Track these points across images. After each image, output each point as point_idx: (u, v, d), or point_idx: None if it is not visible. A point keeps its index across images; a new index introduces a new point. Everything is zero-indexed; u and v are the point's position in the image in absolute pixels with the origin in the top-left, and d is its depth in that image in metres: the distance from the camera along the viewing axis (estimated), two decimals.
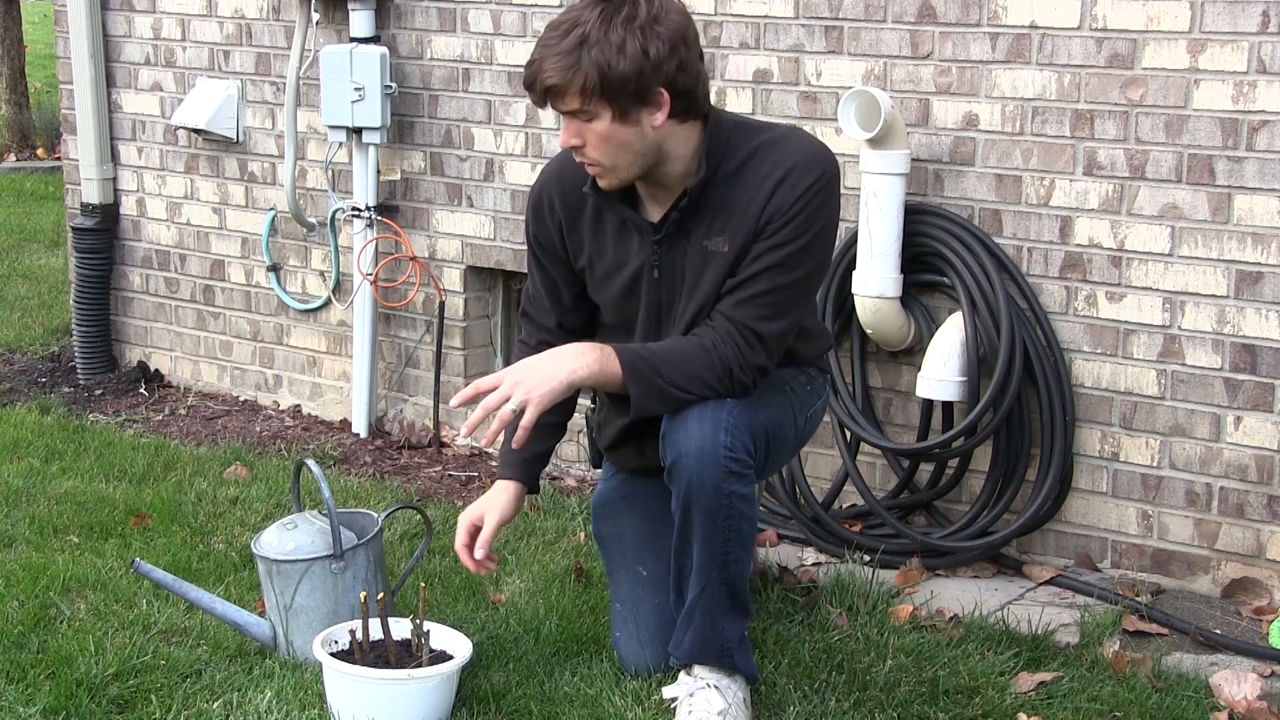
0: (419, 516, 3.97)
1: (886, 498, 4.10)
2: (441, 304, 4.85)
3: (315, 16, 4.89)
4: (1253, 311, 3.64)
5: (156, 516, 4.11)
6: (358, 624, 3.07)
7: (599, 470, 3.50)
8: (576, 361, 2.94)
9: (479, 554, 3.16)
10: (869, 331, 4.02)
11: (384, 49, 4.77)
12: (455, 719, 3.07)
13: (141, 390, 5.50)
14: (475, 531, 3.19)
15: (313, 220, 5.09)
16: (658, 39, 2.86)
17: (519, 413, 2.89)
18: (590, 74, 2.84)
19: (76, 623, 3.42)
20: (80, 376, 5.62)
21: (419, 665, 3.03)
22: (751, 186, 3.00)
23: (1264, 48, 3.54)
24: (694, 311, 3.05)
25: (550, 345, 3.09)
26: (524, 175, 4.65)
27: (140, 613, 3.48)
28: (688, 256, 3.05)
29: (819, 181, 2.99)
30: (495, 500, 3.22)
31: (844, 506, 4.18)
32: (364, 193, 4.88)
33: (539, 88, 2.89)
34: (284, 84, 5.02)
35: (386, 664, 3.06)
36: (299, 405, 5.30)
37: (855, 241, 3.97)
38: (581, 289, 3.23)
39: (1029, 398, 3.86)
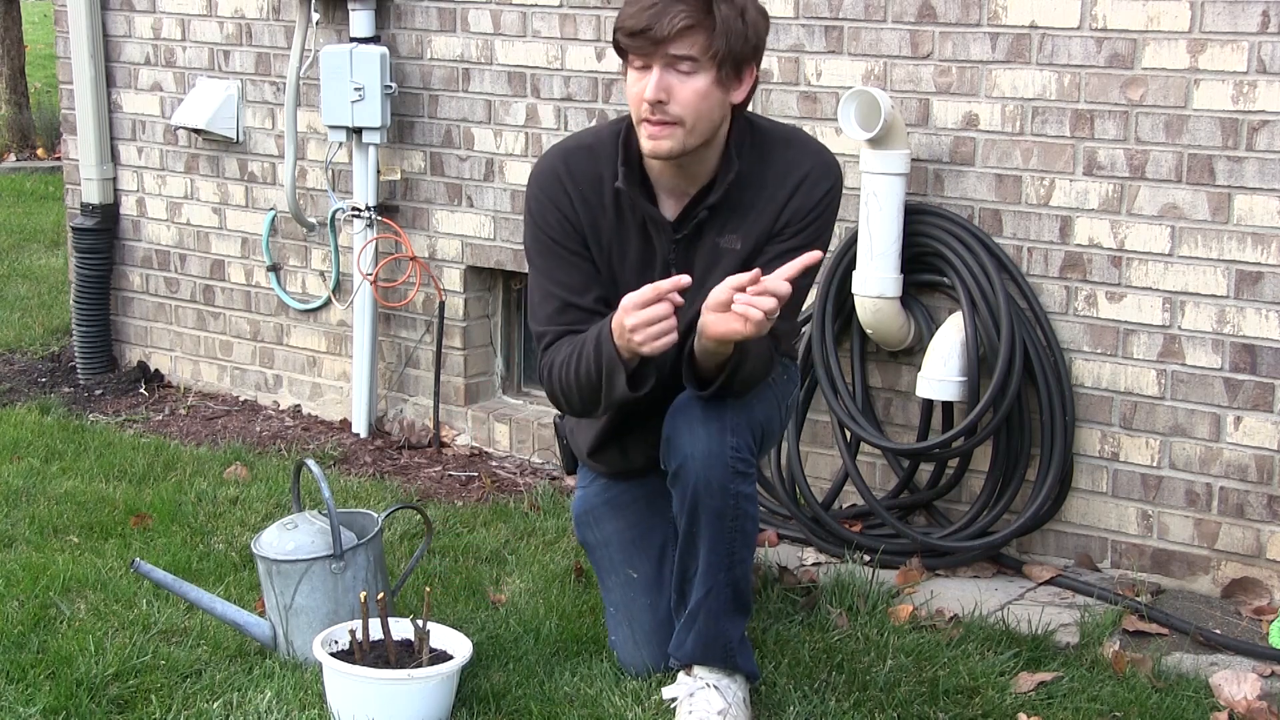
0: (419, 516, 3.97)
1: (886, 498, 4.10)
2: (441, 304, 4.85)
3: (315, 16, 4.89)
4: (1253, 311, 3.64)
5: (156, 516, 4.11)
6: (358, 624, 3.07)
7: (573, 477, 3.48)
8: None
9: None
10: (869, 331, 4.02)
11: (384, 49, 4.77)
12: (455, 719, 3.07)
13: (141, 390, 5.50)
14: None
15: (313, 220, 5.09)
16: (764, 16, 2.96)
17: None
18: (720, 25, 2.87)
19: (76, 623, 3.42)
20: (80, 376, 5.62)
21: (419, 665, 3.03)
22: (769, 186, 3.02)
23: (1264, 48, 3.54)
24: (698, 308, 3.04)
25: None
26: (524, 175, 4.65)
27: (140, 613, 3.48)
28: (699, 254, 3.06)
29: (833, 190, 3.06)
30: None
31: (844, 506, 4.18)
32: (364, 193, 4.88)
33: (666, 28, 2.83)
34: (284, 84, 5.02)
35: (386, 664, 3.06)
36: (299, 405, 5.30)
37: (855, 241, 3.97)
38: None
39: (1029, 398, 3.86)
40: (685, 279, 2.78)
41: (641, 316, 2.78)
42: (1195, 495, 3.76)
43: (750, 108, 3.70)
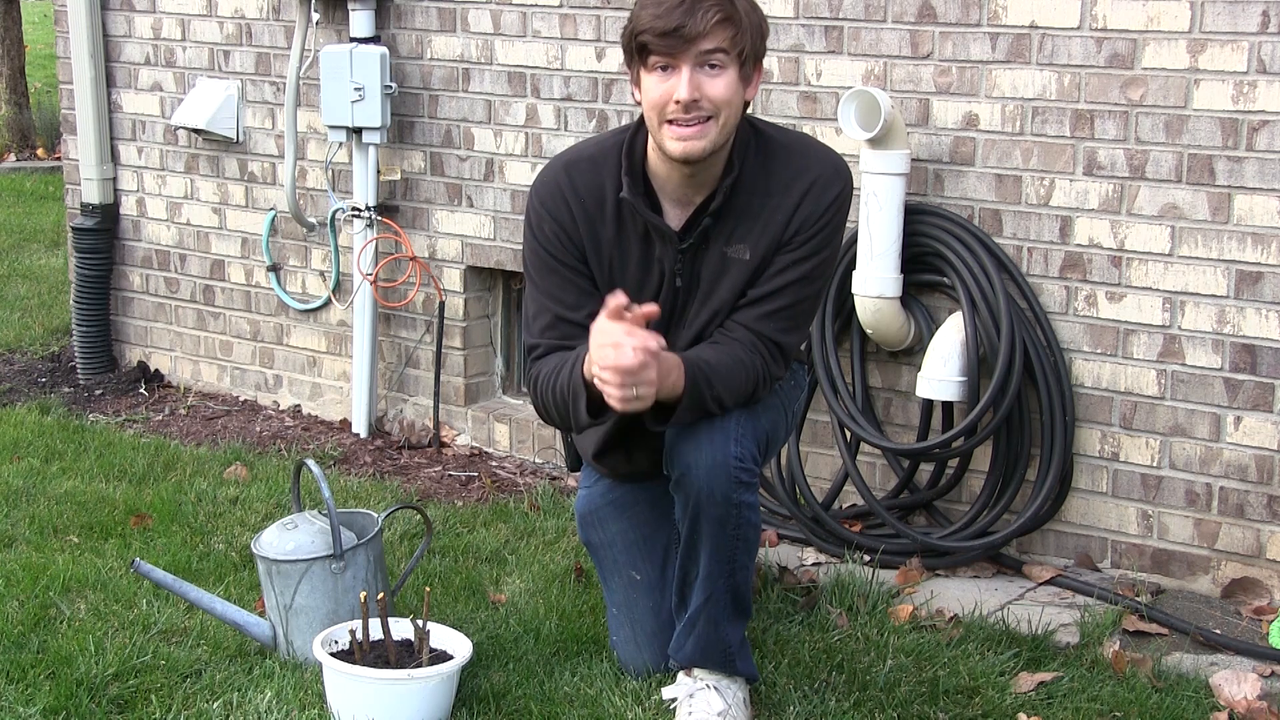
0: (419, 516, 3.97)
1: (886, 498, 4.10)
2: (441, 304, 4.85)
3: (315, 16, 4.89)
4: (1253, 311, 3.64)
5: (156, 516, 4.11)
6: (358, 624, 3.07)
7: (576, 474, 3.47)
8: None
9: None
10: (869, 331, 4.02)
11: (384, 49, 4.77)
12: (455, 719, 3.07)
13: (141, 390, 5.50)
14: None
15: (313, 220, 5.09)
16: (763, 15, 2.96)
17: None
18: (743, 18, 2.86)
19: (76, 623, 3.42)
20: (80, 376, 5.62)
21: (419, 665, 3.03)
22: (776, 194, 2.98)
23: (1264, 48, 3.54)
24: (706, 318, 3.03)
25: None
26: (524, 175, 4.65)
27: (140, 613, 3.48)
28: (705, 262, 3.03)
29: (843, 195, 3.01)
30: None
31: (844, 506, 4.18)
32: (364, 193, 4.88)
33: (701, 24, 2.80)
34: (284, 84, 5.02)
35: (386, 664, 3.06)
36: (299, 405, 5.30)
37: (855, 241, 3.97)
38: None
39: (1029, 398, 3.86)
40: (654, 310, 2.76)
41: (607, 357, 2.74)
42: (1195, 495, 3.76)
43: (750, 109, 3.71)
